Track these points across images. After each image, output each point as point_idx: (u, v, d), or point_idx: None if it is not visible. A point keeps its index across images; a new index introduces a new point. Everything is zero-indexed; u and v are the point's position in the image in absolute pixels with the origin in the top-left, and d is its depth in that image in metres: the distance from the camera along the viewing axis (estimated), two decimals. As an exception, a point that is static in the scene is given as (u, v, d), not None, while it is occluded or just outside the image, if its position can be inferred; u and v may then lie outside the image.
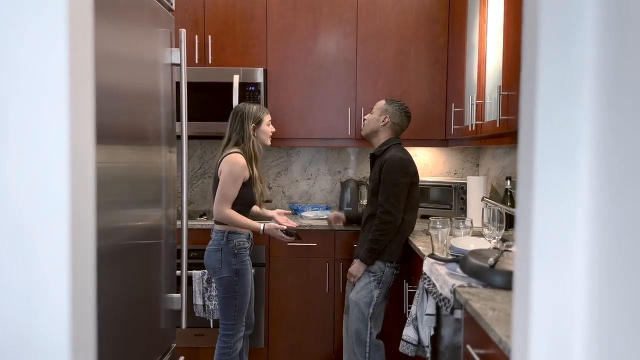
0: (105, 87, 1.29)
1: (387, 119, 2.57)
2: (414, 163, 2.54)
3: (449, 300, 1.65)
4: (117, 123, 1.40)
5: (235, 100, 3.05)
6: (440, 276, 1.76)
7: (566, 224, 0.81)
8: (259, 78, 3.10)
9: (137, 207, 1.61)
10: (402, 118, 2.61)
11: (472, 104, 2.48)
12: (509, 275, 1.57)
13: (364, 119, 2.66)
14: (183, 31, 1.94)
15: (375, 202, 2.50)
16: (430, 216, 3.17)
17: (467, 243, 1.90)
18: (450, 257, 1.88)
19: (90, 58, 0.90)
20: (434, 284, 1.85)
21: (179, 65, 1.91)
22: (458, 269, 1.72)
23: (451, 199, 3.06)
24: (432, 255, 1.93)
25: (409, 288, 2.50)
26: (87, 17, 0.87)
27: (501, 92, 2.09)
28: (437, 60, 3.16)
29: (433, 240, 2.01)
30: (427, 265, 1.94)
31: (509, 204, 2.65)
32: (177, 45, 1.95)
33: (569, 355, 0.82)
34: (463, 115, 2.75)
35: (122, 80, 1.44)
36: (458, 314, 1.62)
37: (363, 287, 2.50)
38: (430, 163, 3.50)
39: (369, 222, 2.52)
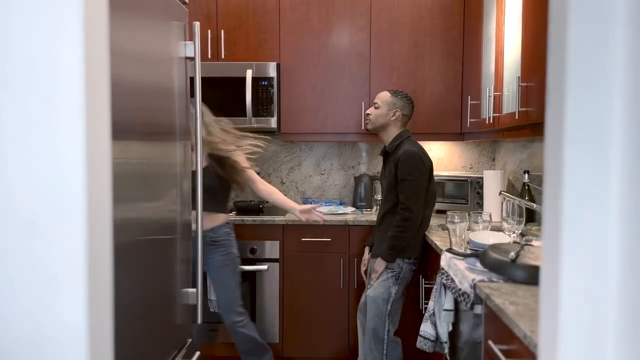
0: (119, 82, 1.27)
1: (398, 113, 2.53)
2: (428, 156, 2.50)
3: (468, 296, 1.62)
4: (131, 119, 1.39)
5: (249, 95, 3.03)
6: (459, 271, 1.73)
7: (597, 215, 0.78)
8: (272, 72, 3.08)
9: (153, 203, 1.60)
10: (410, 109, 2.58)
11: (489, 96, 2.44)
12: (530, 269, 1.53)
13: (367, 114, 2.59)
14: (197, 24, 1.93)
15: (391, 200, 2.46)
16: (445, 211, 3.14)
17: (486, 237, 1.87)
18: (469, 251, 1.85)
19: (105, 52, 0.88)
20: (452, 279, 1.82)
21: (193, 58, 1.90)
22: (478, 264, 1.69)
23: (467, 193, 3.02)
24: (450, 250, 1.90)
25: (425, 283, 2.47)
26: (102, 9, 0.86)
27: (520, 84, 2.05)
28: (451, 52, 3.11)
29: (451, 234, 1.97)
30: (445, 260, 1.91)
31: (527, 198, 2.60)
32: (191, 38, 1.94)
33: (600, 349, 0.79)
34: (480, 108, 2.71)
35: (136, 74, 1.43)
36: (478, 309, 1.58)
37: (381, 283, 2.46)
38: (445, 157, 3.46)
39: (386, 220, 2.48)
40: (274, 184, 3.52)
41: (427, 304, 2.46)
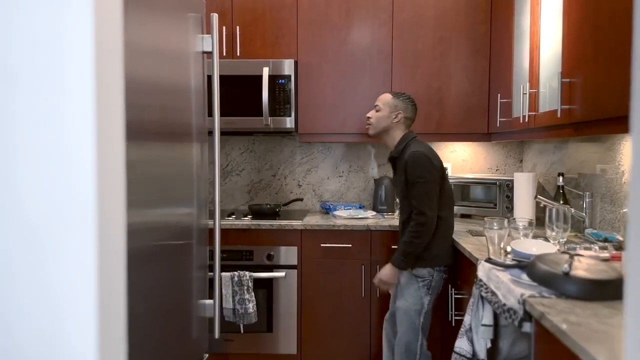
0: (132, 77, 1.14)
1: (400, 115, 2.37)
2: (437, 155, 2.32)
3: (515, 312, 1.47)
4: (145, 118, 1.26)
5: (265, 94, 2.90)
6: (503, 284, 1.58)
7: None
8: (290, 70, 2.94)
9: (168, 206, 1.47)
10: (413, 111, 2.42)
11: (523, 93, 2.28)
12: (586, 284, 1.38)
13: (368, 117, 2.43)
14: (215, 16, 1.80)
15: (407, 206, 2.30)
16: (471, 215, 3.00)
17: (529, 246, 1.71)
18: (510, 262, 1.69)
19: (119, 44, 0.76)
20: (492, 292, 1.67)
21: (211, 53, 1.77)
22: (523, 276, 1.54)
23: (495, 196, 2.87)
24: (490, 260, 1.75)
25: (455, 293, 2.32)
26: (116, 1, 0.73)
27: (562, 79, 1.90)
28: (478, 49, 2.96)
29: (488, 242, 1.82)
30: (484, 270, 1.76)
31: (561, 201, 2.44)
32: (209, 31, 1.81)
33: None
34: (511, 106, 2.56)
35: (150, 70, 1.30)
36: (527, 327, 1.43)
37: (412, 294, 2.30)
38: (469, 159, 3.30)
39: (406, 228, 2.34)
40: (290, 186, 3.39)
41: (457, 315, 2.31)
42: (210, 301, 1.81)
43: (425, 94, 2.99)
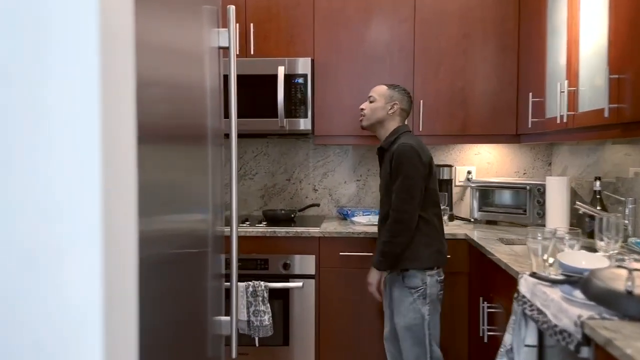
0: (142, 76, 1.00)
1: (396, 106, 2.23)
2: (428, 151, 2.18)
3: (570, 335, 1.31)
4: (157, 119, 1.12)
5: (280, 94, 2.75)
6: (553, 302, 1.42)
7: None
8: (306, 69, 2.80)
9: (182, 213, 1.33)
10: (409, 103, 2.28)
11: (561, 91, 2.12)
12: (655, 304, 1.22)
13: (362, 109, 2.29)
14: (232, 8, 1.65)
15: (388, 202, 2.14)
16: (497, 222, 2.83)
17: (578, 259, 1.55)
18: (559, 276, 1.54)
19: (129, 36, 0.64)
20: (539, 309, 1.51)
21: (228, 48, 1.63)
22: (576, 293, 1.38)
23: (525, 202, 2.70)
24: (534, 275, 1.59)
25: (487, 307, 2.16)
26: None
27: (610, 76, 1.74)
28: (506, 45, 2.80)
29: (532, 255, 1.66)
30: (528, 286, 1.60)
31: (598, 207, 2.28)
32: (225, 25, 1.66)
33: None
34: (544, 105, 2.40)
35: (162, 67, 1.16)
36: (585, 352, 1.27)
37: (409, 308, 2.14)
38: (495, 162, 3.14)
39: (384, 226, 2.17)
40: (306, 191, 3.24)
41: (489, 330, 2.15)
42: (227, 318, 1.67)
43: (449, 93, 2.83)
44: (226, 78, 1.62)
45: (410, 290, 2.14)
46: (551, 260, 1.64)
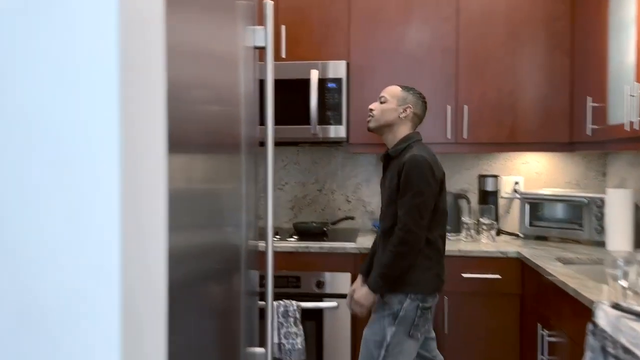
0: (175, 78, 0.84)
1: (409, 110, 2.01)
2: (441, 165, 1.96)
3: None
4: (187, 127, 0.95)
5: (314, 100, 2.58)
6: (649, 342, 1.21)
7: None
8: (341, 73, 2.62)
9: (213, 228, 1.16)
10: (423, 108, 2.05)
11: (630, 95, 1.90)
12: None
13: (371, 109, 2.06)
14: (269, 4, 1.48)
15: (391, 216, 1.93)
16: (548, 238, 2.60)
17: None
18: (649, 310, 1.32)
19: (160, 36, 0.59)
20: (624, 347, 1.29)
21: (264, 48, 1.45)
22: (678, 333, 1.16)
23: (581, 216, 2.47)
24: (618, 307, 1.37)
25: (547, 335, 1.93)
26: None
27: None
28: (557, 45, 2.58)
29: (611, 281, 1.45)
30: (608, 319, 1.38)
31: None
32: (261, 22, 1.49)
33: None
34: (605, 111, 2.17)
35: (190, 69, 0.99)
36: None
37: (375, 321, 1.97)
38: (544, 172, 2.90)
39: (385, 241, 1.96)
40: (338, 202, 3.05)
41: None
42: (262, 350, 1.49)
43: (495, 97, 2.62)
44: (261, 82, 1.46)
45: (383, 305, 1.95)
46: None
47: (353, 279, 2.45)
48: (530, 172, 2.89)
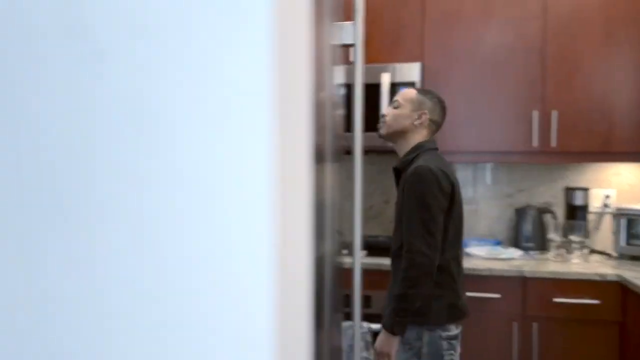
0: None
1: (424, 116, 1.71)
2: (451, 176, 1.67)
3: None
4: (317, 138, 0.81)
5: (384, 105, 2.41)
6: None
7: None
8: (415, 76, 2.44)
9: (317, 240, 1.01)
10: (441, 114, 1.75)
11: None
12: None
13: (383, 115, 1.78)
14: (360, -4, 1.32)
15: (398, 238, 1.68)
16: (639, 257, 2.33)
17: None
18: None
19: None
20: None
21: (353, 46, 1.30)
22: None
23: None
24: None
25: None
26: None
27: None
28: (660, 45, 2.32)
29: None
30: None
31: None
32: (349, 17, 1.34)
33: None
34: None
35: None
36: None
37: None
38: (638, 184, 2.62)
39: (393, 267, 1.70)
40: (407, 214, 2.86)
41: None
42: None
43: (587, 102, 2.38)
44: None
45: (402, 346, 1.66)
46: None
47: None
48: (622, 184, 2.62)
